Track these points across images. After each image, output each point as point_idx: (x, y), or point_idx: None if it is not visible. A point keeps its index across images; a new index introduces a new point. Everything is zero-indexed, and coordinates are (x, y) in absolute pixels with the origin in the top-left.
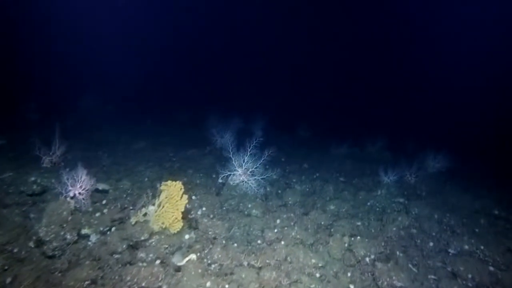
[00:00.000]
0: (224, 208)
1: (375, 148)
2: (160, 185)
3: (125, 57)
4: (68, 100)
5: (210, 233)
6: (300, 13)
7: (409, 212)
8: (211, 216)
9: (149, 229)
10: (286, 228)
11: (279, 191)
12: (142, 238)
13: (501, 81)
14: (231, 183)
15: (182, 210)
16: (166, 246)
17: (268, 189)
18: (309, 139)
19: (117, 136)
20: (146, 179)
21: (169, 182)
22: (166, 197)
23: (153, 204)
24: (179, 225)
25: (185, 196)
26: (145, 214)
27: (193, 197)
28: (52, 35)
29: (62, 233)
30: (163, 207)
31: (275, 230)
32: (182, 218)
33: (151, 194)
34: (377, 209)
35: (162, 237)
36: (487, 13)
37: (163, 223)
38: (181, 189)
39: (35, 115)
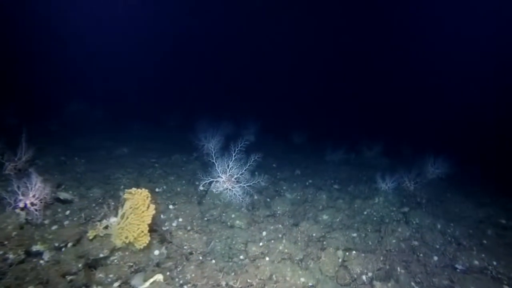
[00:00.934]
0: (205, 218)
1: (372, 153)
2: (124, 193)
3: (116, 61)
4: (54, 104)
5: (185, 247)
6: (298, 15)
7: (410, 222)
8: (189, 228)
9: (110, 245)
10: (272, 241)
11: (268, 200)
12: (102, 255)
13: (500, 81)
14: (214, 190)
15: (149, 222)
16: (131, 264)
17: (255, 197)
18: (303, 144)
19: (100, 142)
20: (122, 187)
21: (133, 189)
22: (130, 207)
23: (116, 215)
24: (145, 239)
25: (153, 206)
26: (106, 227)
27: (170, 207)
28: (41, 36)
29: (1, 252)
30: (127, 218)
31: (260, 244)
32: (151, 231)
33: (113, 203)
34: (375, 218)
35: (126, 253)
36: (487, 13)
37: (126, 238)
38: (147, 197)
39: (14, 119)
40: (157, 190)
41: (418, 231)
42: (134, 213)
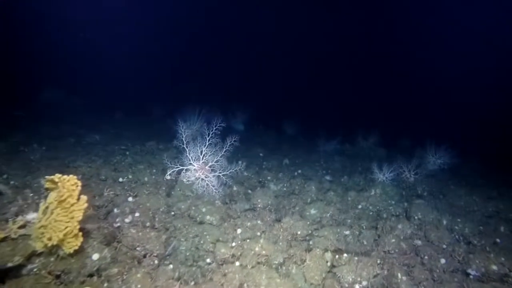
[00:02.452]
0: (172, 213)
1: (368, 143)
2: (45, 181)
3: (103, 50)
4: (26, 91)
5: (138, 249)
6: (291, 8)
7: (411, 217)
8: (147, 224)
9: (27, 249)
10: (248, 240)
11: (249, 191)
12: (11, 264)
13: (502, 77)
14: (185, 180)
15: (80, 218)
16: (58, 273)
17: (234, 188)
18: (295, 135)
19: (72, 129)
20: (80, 176)
21: (57, 176)
22: (55, 200)
23: (37, 210)
24: (76, 241)
25: (84, 198)
26: (23, 226)
27: (130, 199)
28: (17, 22)
29: None
30: (51, 214)
31: (233, 244)
32: (95, 229)
33: (31, 194)
34: (371, 213)
35: (51, 260)
36: (488, 12)
37: (50, 239)
38: (76, 186)
39: None
40: (120, 180)
41: (421, 228)
42: (60, 207)
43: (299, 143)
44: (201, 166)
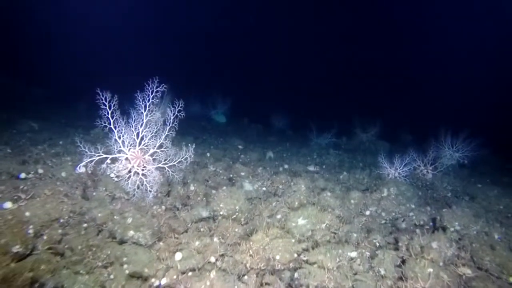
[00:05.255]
0: (85, 225)
1: (368, 136)
2: None
3: (78, 41)
4: None
5: None
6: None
7: (446, 228)
8: (13, 249)
9: None
10: (190, 273)
11: (212, 191)
12: None
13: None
14: (113, 175)
15: None
16: None
17: (192, 187)
18: (284, 128)
19: (8, 116)
20: None
21: None
22: None
23: None
24: None
25: None
26: None
27: (7, 205)
28: None
29: None
30: None
31: (162, 281)
32: None
33: None
34: (384, 221)
35: None
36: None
37: None
38: None
39: None
40: (22, 176)
41: (465, 247)
42: None
43: (288, 137)
44: (136, 154)
